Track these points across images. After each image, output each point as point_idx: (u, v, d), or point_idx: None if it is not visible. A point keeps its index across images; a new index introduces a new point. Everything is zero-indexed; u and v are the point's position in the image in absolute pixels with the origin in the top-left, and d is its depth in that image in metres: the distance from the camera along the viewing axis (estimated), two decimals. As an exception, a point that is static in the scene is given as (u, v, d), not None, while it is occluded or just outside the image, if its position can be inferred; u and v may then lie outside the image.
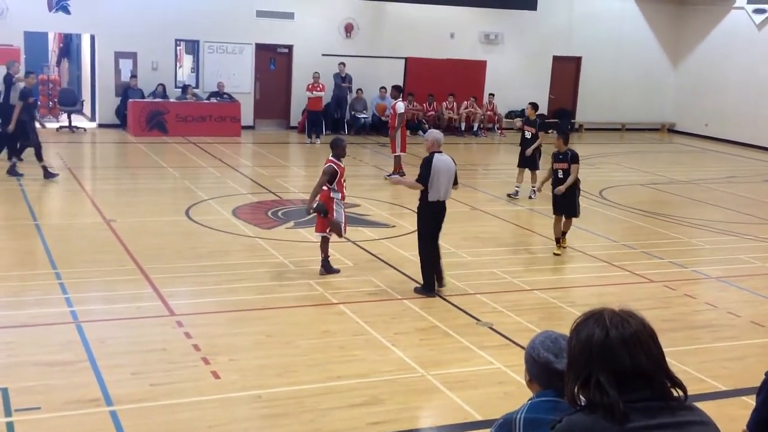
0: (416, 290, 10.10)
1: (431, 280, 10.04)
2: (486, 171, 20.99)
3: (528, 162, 16.36)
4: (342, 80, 24.31)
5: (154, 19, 22.90)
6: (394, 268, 11.07)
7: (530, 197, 16.16)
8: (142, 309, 9.07)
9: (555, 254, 12.16)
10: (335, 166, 10.32)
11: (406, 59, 26.17)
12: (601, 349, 2.45)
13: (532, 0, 27.41)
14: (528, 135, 16.36)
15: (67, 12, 22.25)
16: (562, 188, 11.97)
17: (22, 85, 16.04)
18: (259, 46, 24.57)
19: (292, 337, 8.56)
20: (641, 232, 14.22)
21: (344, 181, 10.48)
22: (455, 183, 10.05)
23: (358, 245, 12.15)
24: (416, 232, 10.32)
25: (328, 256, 10.63)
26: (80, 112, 23.72)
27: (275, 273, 10.61)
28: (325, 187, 10.34)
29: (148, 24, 22.85)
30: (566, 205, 12.14)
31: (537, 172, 16.27)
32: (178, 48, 24.27)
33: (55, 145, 19.42)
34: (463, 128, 26.28)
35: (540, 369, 3.20)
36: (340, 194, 10.39)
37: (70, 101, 23.05)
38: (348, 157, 11.67)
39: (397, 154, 17.58)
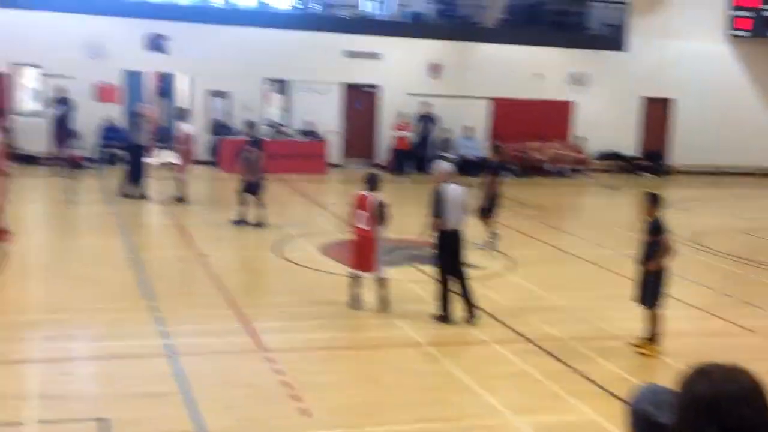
0: (434, 318, 10.21)
1: (449, 310, 10.18)
2: (573, 213, 20.70)
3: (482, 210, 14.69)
4: (426, 119, 24.41)
5: (246, 59, 23.52)
6: (483, 311, 10.95)
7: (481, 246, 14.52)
8: (233, 343, 9.20)
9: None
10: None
11: (492, 99, 26.17)
12: (710, 404, 2.44)
13: (622, 41, 27.16)
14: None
15: (165, 52, 23.06)
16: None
17: (146, 124, 17.28)
18: (347, 86, 24.95)
19: (380, 376, 8.55)
20: (739, 280, 13.75)
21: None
22: (466, 211, 10.35)
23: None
24: (434, 263, 10.47)
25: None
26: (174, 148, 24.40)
27: (364, 312, 10.61)
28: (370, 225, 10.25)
29: (240, 64, 23.48)
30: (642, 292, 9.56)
31: (493, 220, 14.74)
32: (268, 87, 24.86)
33: (154, 180, 20.02)
34: (549, 169, 26.03)
35: (642, 422, 3.13)
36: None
37: (164, 138, 23.75)
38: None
39: None
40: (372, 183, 10.41)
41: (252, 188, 15.32)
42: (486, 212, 14.68)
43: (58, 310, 9.95)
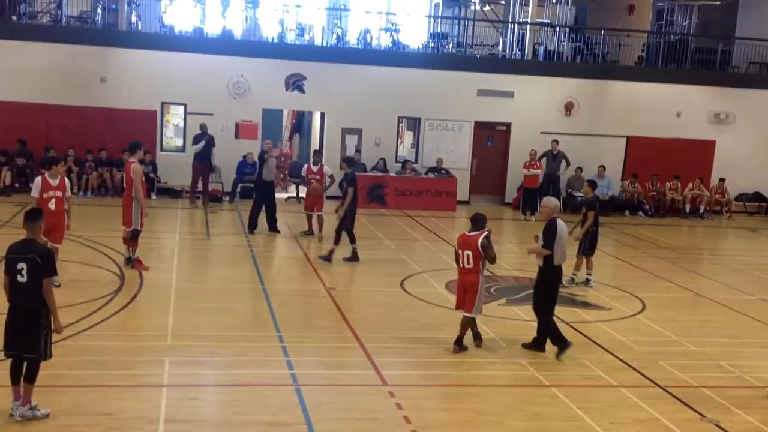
0: (558, 356, 10.29)
1: (563, 338, 10.40)
2: (712, 256, 19.85)
3: (580, 246, 14.41)
4: (553, 158, 24.07)
5: (379, 97, 23.99)
6: (611, 353, 10.64)
7: (576, 283, 14.44)
8: (356, 377, 9.28)
9: None
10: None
11: (628, 138, 25.57)
12: None
13: (767, 79, 26.03)
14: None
15: (302, 91, 23.83)
16: None
17: (273, 161, 17.69)
18: (478, 124, 25.00)
19: (502, 417, 8.41)
20: None
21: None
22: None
23: (572, 326, 11.81)
24: (541, 297, 10.52)
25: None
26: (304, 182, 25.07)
27: (487, 350, 10.51)
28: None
29: (373, 102, 23.98)
30: None
31: (591, 258, 14.48)
32: (400, 125, 25.23)
33: (282, 214, 20.62)
34: (687, 210, 25.11)
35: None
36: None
37: (299, 173, 24.44)
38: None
39: None
40: (478, 223, 10.41)
41: (343, 224, 15.38)
42: (585, 250, 14.44)
43: (189, 336, 10.33)
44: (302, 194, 23.61)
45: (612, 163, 25.16)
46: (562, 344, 10.37)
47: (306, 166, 18.15)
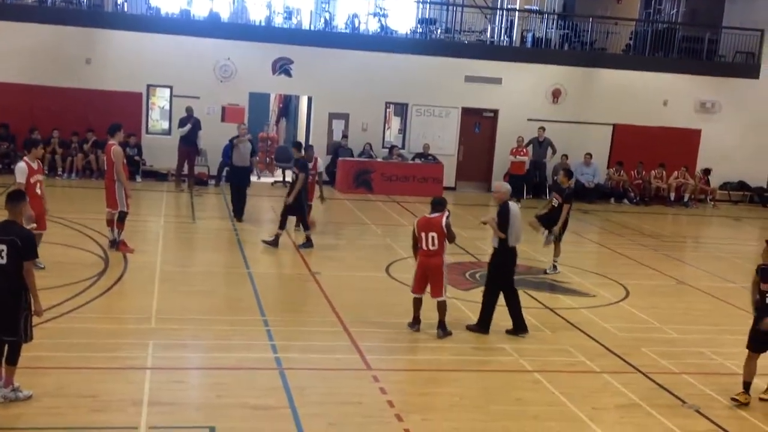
0: (468, 327, 10.62)
1: (488, 319, 10.58)
2: (696, 244, 19.98)
3: (560, 234, 14.34)
4: (540, 145, 24.09)
5: (367, 82, 23.94)
6: (594, 340, 10.70)
7: (546, 271, 14.47)
8: (340, 361, 9.30)
9: (733, 399, 8.79)
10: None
11: (615, 126, 25.64)
12: None
13: (754, 68, 26.13)
14: (555, 203, 14.34)
15: (289, 75, 23.74)
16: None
17: (247, 145, 17.24)
18: (466, 110, 24.99)
19: (485, 402, 8.45)
20: None
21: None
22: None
23: (556, 313, 11.88)
24: (489, 276, 10.83)
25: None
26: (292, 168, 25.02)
27: (471, 335, 10.55)
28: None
29: (360, 87, 23.92)
30: None
31: (560, 245, 14.42)
32: (387, 110, 25.18)
33: (269, 198, 20.60)
34: (672, 198, 25.23)
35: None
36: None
37: (285, 158, 24.37)
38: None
39: None
40: (438, 205, 10.45)
41: (290, 211, 15.02)
42: (559, 238, 14.32)
43: (173, 320, 10.30)
44: (288, 178, 23.59)
45: (598, 150, 25.25)
46: (482, 326, 10.56)
47: None
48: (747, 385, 8.69)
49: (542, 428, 7.84)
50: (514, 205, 10.57)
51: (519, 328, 10.65)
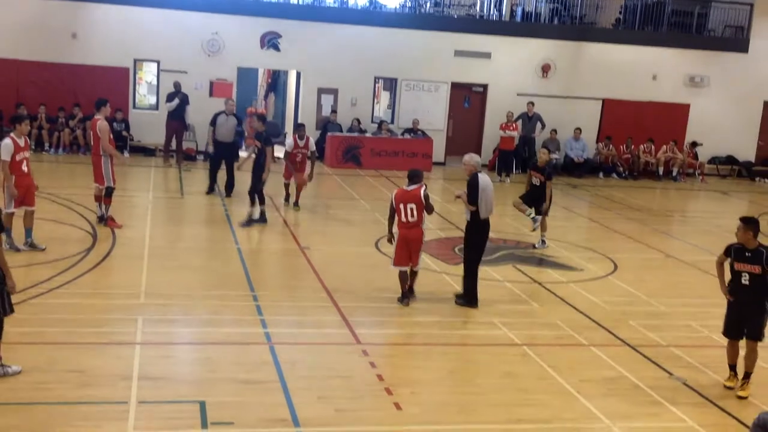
0: (457, 302, 10.66)
1: (473, 292, 10.61)
2: (683, 218, 20.06)
3: (546, 210, 14.29)
4: (529, 120, 24.07)
5: (356, 57, 23.83)
6: (582, 313, 10.77)
7: (534, 246, 14.45)
8: (330, 335, 9.32)
9: (726, 386, 8.62)
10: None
11: (604, 100, 25.64)
12: None
13: (743, 42, 26.12)
14: (536, 182, 14.26)
15: (277, 49, 23.60)
16: None
17: (231, 119, 17.09)
18: (455, 85, 24.93)
19: (474, 375, 8.51)
20: None
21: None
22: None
23: (544, 287, 11.94)
24: (465, 248, 10.79)
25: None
26: (283, 143, 24.92)
27: (460, 309, 10.59)
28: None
29: (349, 62, 23.81)
30: (749, 324, 8.43)
31: (546, 220, 14.38)
32: (376, 85, 25.09)
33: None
34: (660, 173, 25.30)
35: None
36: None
37: (274, 133, 24.26)
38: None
39: None
40: (415, 178, 10.49)
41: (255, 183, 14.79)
42: (543, 212, 14.21)
43: (162, 295, 10.31)
44: (277, 154, 23.50)
45: (587, 125, 25.28)
46: (470, 300, 10.61)
47: (293, 140, 16.41)
48: (733, 367, 8.61)
49: (530, 401, 7.90)
50: (484, 176, 10.53)
51: (470, 301, 10.68)
